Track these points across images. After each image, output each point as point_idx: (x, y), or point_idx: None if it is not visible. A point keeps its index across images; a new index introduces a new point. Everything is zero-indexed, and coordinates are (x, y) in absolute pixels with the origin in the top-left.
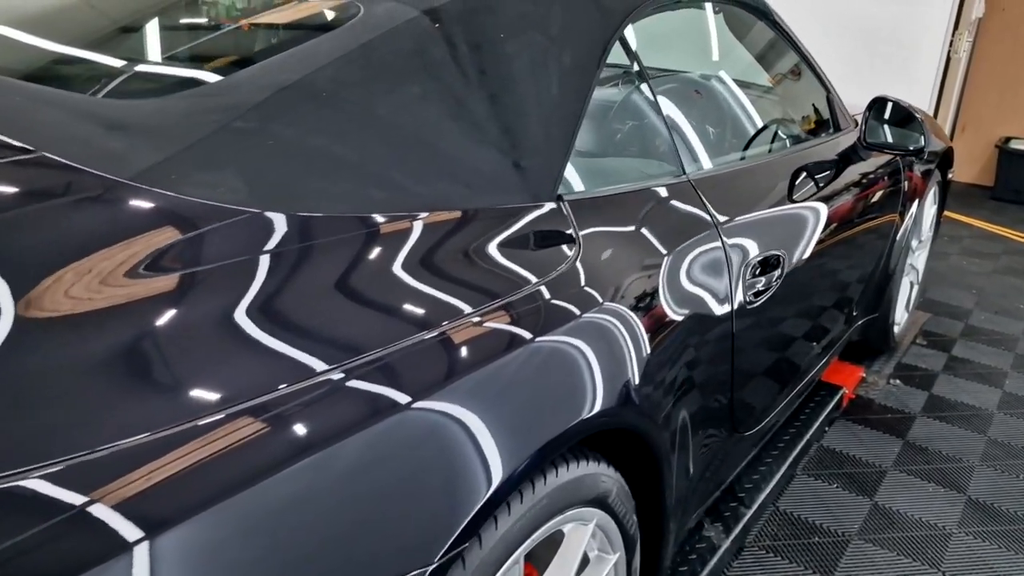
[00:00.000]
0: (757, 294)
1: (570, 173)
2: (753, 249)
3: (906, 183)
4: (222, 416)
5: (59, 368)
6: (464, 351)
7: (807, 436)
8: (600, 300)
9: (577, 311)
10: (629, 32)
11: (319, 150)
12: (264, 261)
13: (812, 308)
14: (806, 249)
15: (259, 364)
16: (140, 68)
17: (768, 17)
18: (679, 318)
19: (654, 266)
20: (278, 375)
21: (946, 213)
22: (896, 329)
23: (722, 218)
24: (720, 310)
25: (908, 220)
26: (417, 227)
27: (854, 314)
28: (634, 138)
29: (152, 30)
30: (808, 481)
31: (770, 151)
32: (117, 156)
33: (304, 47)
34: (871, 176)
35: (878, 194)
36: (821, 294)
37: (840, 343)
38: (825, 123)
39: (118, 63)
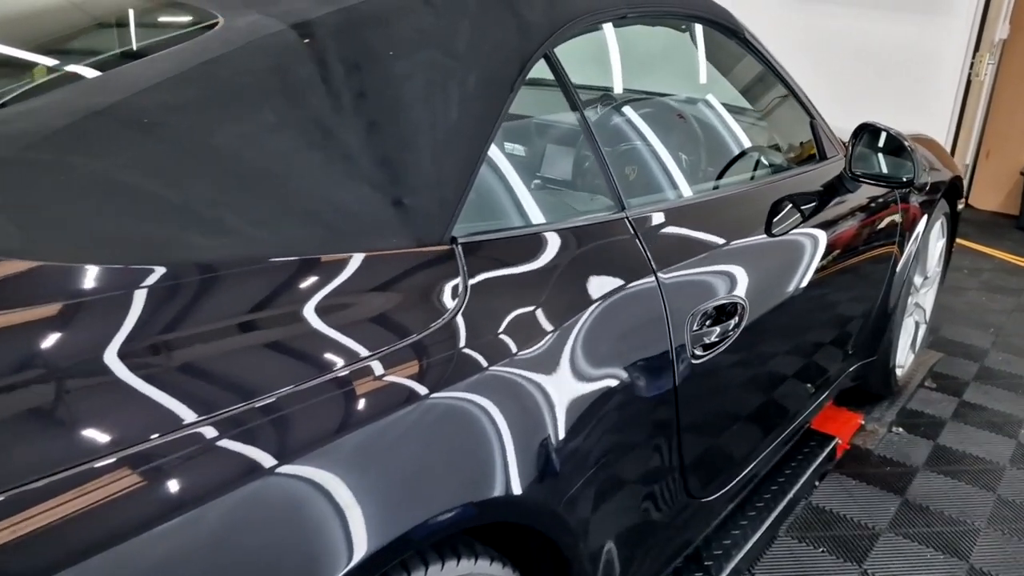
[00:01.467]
0: (707, 347)
1: (472, 211)
2: (704, 296)
3: (903, 216)
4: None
5: None
6: (297, 425)
7: (792, 492)
8: (484, 363)
9: (451, 378)
10: (563, 49)
11: (130, 187)
12: (41, 316)
13: (788, 357)
14: (778, 292)
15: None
16: None
17: (739, 36)
18: (595, 382)
19: (565, 319)
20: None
21: (968, 244)
22: (899, 372)
23: (664, 261)
24: (656, 368)
25: (908, 256)
26: (251, 278)
27: (848, 356)
28: (566, 169)
29: None
30: (791, 544)
31: (741, 183)
32: None
33: (133, 66)
34: (860, 209)
35: (869, 229)
36: (800, 340)
37: (830, 390)
38: (809, 152)
39: None
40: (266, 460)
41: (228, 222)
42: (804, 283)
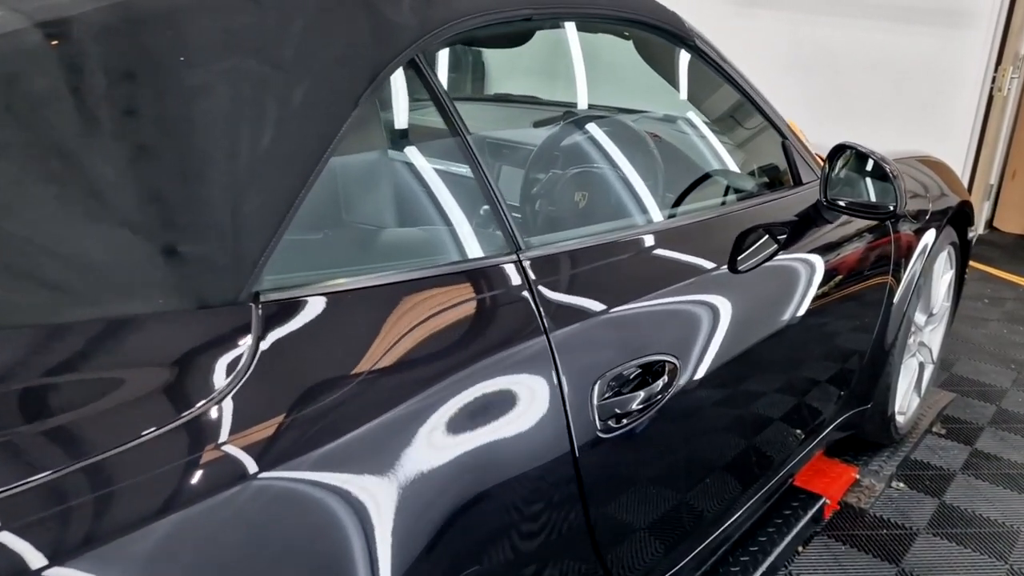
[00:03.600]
0: (621, 417)
1: (292, 260)
2: (618, 356)
3: (894, 247)
4: None
5: None
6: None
7: (768, 561)
8: (262, 463)
9: (222, 477)
10: (444, 56)
11: None
12: None
13: (749, 414)
14: (733, 343)
15: None
16: None
17: (687, 43)
18: (451, 476)
19: (403, 397)
20: None
21: (990, 270)
22: (901, 419)
23: (564, 315)
24: (545, 448)
25: (906, 293)
26: None
27: (835, 406)
28: (440, 202)
29: None
30: None
31: (689, 214)
32: None
33: None
34: (841, 242)
35: (853, 264)
36: (765, 395)
37: (812, 446)
38: (782, 177)
39: None
40: None
41: None
42: (769, 330)
